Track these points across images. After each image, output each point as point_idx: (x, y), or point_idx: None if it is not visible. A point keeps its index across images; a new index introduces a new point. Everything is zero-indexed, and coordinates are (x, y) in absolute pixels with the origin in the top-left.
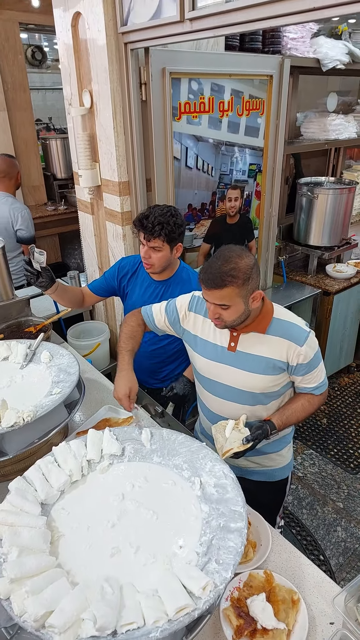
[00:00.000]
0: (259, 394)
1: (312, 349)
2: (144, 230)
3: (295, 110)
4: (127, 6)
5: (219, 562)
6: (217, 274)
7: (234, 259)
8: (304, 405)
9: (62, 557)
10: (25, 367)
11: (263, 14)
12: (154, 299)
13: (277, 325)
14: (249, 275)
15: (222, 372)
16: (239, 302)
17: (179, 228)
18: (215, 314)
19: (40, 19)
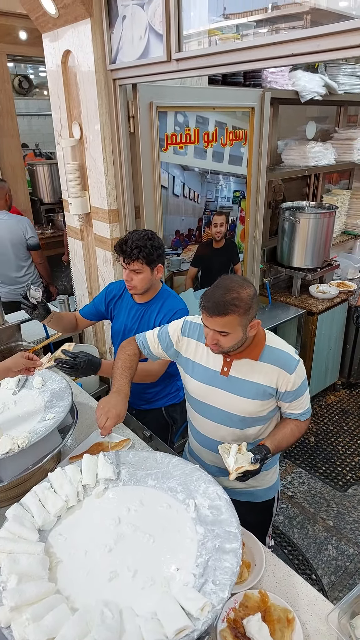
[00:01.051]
0: (248, 418)
1: (300, 377)
2: (123, 255)
3: (276, 137)
4: (116, 46)
5: (215, 582)
6: (220, 302)
7: (236, 288)
8: (293, 430)
9: (61, 583)
10: (18, 392)
11: (244, 57)
12: (136, 321)
13: (269, 352)
14: (250, 305)
15: (214, 395)
16: (238, 330)
17: (157, 250)
18: (214, 340)
19: (27, 50)
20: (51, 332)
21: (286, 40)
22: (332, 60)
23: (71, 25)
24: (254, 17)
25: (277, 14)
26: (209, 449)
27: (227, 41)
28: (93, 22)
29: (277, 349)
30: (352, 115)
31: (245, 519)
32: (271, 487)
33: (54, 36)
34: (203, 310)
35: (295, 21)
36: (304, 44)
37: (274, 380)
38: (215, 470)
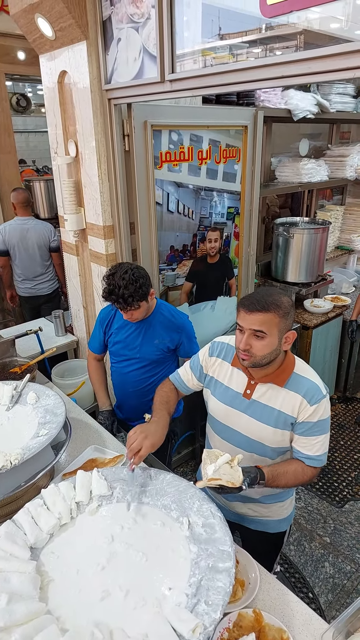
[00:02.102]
0: (268, 447)
1: (321, 415)
2: (118, 306)
3: (269, 154)
4: (111, 66)
5: (208, 603)
6: (261, 299)
7: (277, 294)
8: (297, 470)
9: (51, 603)
10: (12, 408)
11: (236, 79)
12: (136, 338)
13: (296, 380)
14: (289, 310)
15: (234, 418)
16: (274, 334)
17: (146, 282)
18: (247, 344)
19: (25, 70)
20: (46, 347)
21: (278, 63)
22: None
23: (67, 47)
24: (248, 38)
25: (270, 34)
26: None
27: (220, 61)
28: (89, 44)
29: (305, 378)
30: (344, 132)
31: (254, 548)
32: (285, 519)
33: (50, 57)
34: (241, 309)
35: (289, 41)
36: (295, 66)
37: (294, 408)
38: (230, 496)
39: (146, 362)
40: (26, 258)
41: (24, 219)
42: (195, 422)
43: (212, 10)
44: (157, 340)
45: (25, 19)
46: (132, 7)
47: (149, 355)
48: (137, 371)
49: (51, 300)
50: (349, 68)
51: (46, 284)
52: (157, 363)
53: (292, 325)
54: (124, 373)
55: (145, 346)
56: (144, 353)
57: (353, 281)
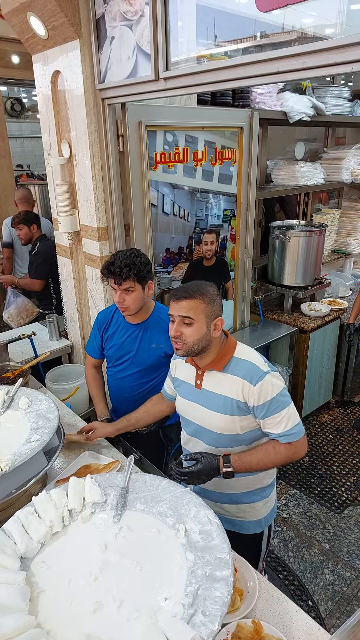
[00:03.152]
0: (223, 435)
1: (269, 391)
2: (113, 276)
3: (265, 157)
4: (105, 66)
5: (205, 613)
6: (187, 288)
7: (203, 284)
8: (268, 450)
9: (42, 616)
10: (3, 413)
11: (231, 75)
12: (133, 341)
13: (236, 364)
14: (214, 298)
15: (190, 409)
16: (202, 320)
17: (146, 266)
18: (178, 331)
19: (19, 74)
20: (39, 351)
21: (273, 58)
22: (319, 77)
23: (60, 47)
24: (243, 45)
25: (265, 41)
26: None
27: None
28: (82, 43)
29: (243, 360)
30: (339, 137)
31: (246, 552)
32: (258, 521)
33: (43, 57)
34: (171, 299)
35: (283, 48)
36: (290, 62)
37: (241, 393)
38: (198, 489)
39: (142, 366)
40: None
41: None
42: None
43: (207, 11)
44: (154, 344)
45: (17, 18)
46: (126, 4)
47: (145, 360)
48: (132, 376)
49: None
50: (345, 62)
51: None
52: (153, 368)
53: (220, 312)
54: (119, 378)
55: (142, 350)
56: (140, 357)
57: (350, 284)
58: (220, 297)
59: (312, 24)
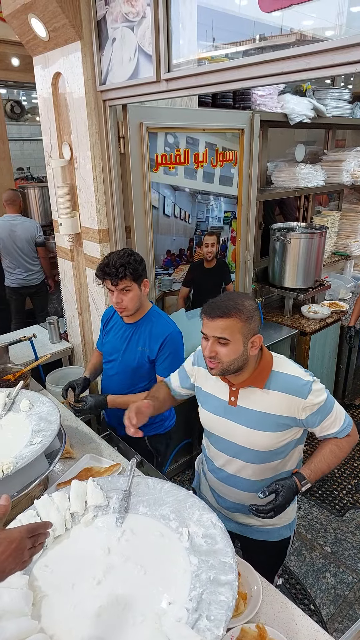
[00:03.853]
0: (263, 452)
1: (319, 397)
2: (109, 277)
3: (265, 159)
4: (106, 67)
5: (210, 618)
6: (221, 305)
7: (239, 297)
8: (333, 450)
9: (45, 620)
10: (4, 416)
11: (234, 76)
12: (124, 341)
13: (277, 378)
14: (252, 314)
15: (224, 427)
16: (238, 340)
17: (141, 264)
18: (212, 351)
19: (19, 76)
20: (40, 353)
21: (276, 59)
22: (322, 78)
23: (61, 48)
24: (242, 48)
25: (264, 44)
26: (224, 482)
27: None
28: (83, 44)
29: (284, 374)
30: (339, 139)
31: (257, 558)
32: (289, 525)
33: (44, 59)
34: (204, 316)
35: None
36: (294, 62)
37: (288, 409)
38: (230, 504)
39: (127, 367)
40: (15, 251)
41: (12, 216)
42: (193, 431)
43: (207, 13)
44: (140, 347)
45: (18, 20)
46: (127, 5)
47: (130, 361)
48: (118, 375)
49: (39, 290)
50: (349, 62)
51: (36, 275)
52: (137, 372)
53: (258, 329)
54: (109, 375)
55: (129, 351)
56: (125, 358)
57: (350, 287)
58: (258, 311)
59: (312, 26)
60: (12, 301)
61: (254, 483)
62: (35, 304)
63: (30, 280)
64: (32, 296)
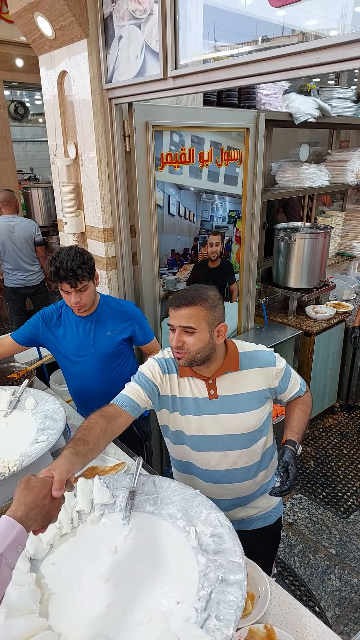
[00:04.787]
0: (252, 433)
1: (282, 363)
2: (67, 281)
3: (269, 159)
4: (112, 65)
5: (219, 618)
6: (186, 295)
7: (202, 288)
8: (302, 408)
9: (52, 618)
10: (10, 414)
11: (243, 72)
12: (88, 334)
13: (246, 357)
14: (216, 303)
15: (209, 424)
16: (204, 328)
17: (91, 260)
18: (179, 341)
19: (23, 77)
20: (44, 353)
21: (286, 54)
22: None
23: (67, 47)
24: (247, 48)
25: (268, 45)
26: (218, 483)
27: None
28: (89, 42)
29: (250, 352)
30: (343, 140)
31: (255, 549)
32: (279, 502)
33: (50, 58)
34: (170, 308)
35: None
36: (304, 57)
37: (265, 381)
38: (228, 504)
39: (102, 356)
40: (15, 252)
41: (9, 217)
42: None
43: (213, 11)
44: (109, 331)
45: (24, 19)
46: (134, 3)
47: (104, 349)
48: (96, 369)
49: (39, 291)
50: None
51: (35, 275)
52: (113, 356)
53: (223, 317)
54: (83, 375)
55: (99, 340)
56: (98, 348)
57: (354, 287)
58: (222, 301)
59: (316, 26)
60: (12, 302)
61: (249, 469)
62: (35, 304)
63: (30, 280)
64: (32, 296)
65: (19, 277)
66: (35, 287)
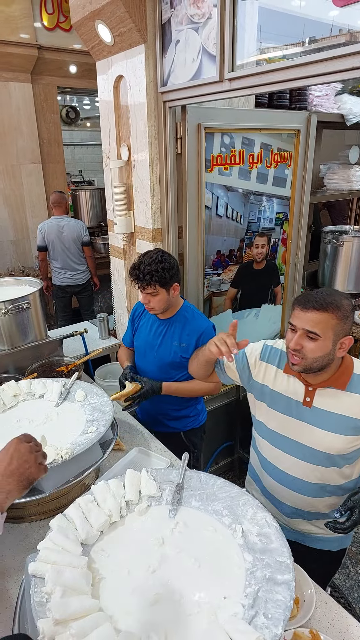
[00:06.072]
0: (335, 456)
1: None
2: (137, 281)
3: (318, 161)
4: (168, 69)
5: (267, 616)
6: (318, 298)
7: (337, 294)
8: None
9: (103, 601)
10: (60, 405)
11: (301, 74)
12: (157, 336)
13: (359, 381)
14: (348, 314)
15: (295, 428)
16: (329, 337)
17: (170, 271)
18: (298, 344)
19: (75, 83)
20: (90, 348)
21: (347, 54)
22: None
23: (125, 52)
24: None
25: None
26: (286, 487)
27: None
28: (147, 47)
29: None
30: None
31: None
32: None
33: (107, 63)
34: (297, 306)
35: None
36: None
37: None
38: (291, 511)
39: (161, 363)
40: (63, 252)
41: (59, 218)
42: (234, 433)
43: (268, 13)
44: (176, 341)
45: (86, 27)
46: (193, 7)
47: (165, 357)
48: (153, 371)
49: (85, 289)
50: None
51: (82, 274)
52: (172, 366)
53: (350, 330)
54: (142, 371)
55: (164, 346)
56: (161, 353)
57: None
58: (353, 314)
59: None
60: (59, 299)
61: (322, 487)
62: (81, 302)
63: (77, 279)
64: (78, 295)
65: (66, 275)
66: (81, 286)
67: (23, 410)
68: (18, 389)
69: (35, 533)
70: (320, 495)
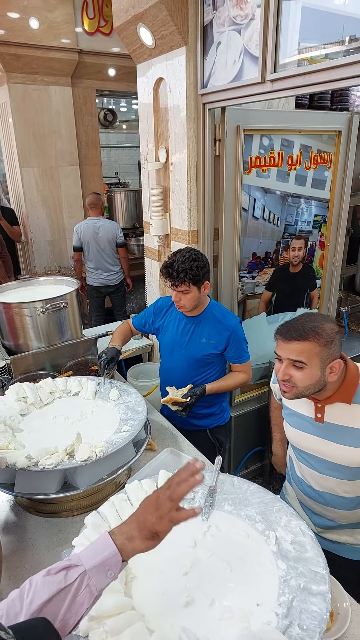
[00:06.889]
0: (353, 469)
1: None
2: (170, 279)
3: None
4: (209, 71)
5: (302, 627)
6: (298, 327)
7: (317, 320)
8: None
9: (136, 600)
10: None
11: (344, 74)
12: (186, 334)
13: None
14: (331, 338)
15: (313, 444)
16: (315, 365)
17: (202, 269)
18: (286, 374)
19: (113, 85)
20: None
21: None
22: None
23: (166, 54)
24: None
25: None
26: (313, 499)
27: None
28: (188, 50)
29: None
30: None
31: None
32: None
33: (147, 66)
34: (278, 337)
35: None
36: None
37: None
38: (327, 522)
39: (190, 359)
40: (98, 252)
41: (95, 219)
42: (265, 438)
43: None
44: (204, 338)
45: (127, 31)
46: (236, 9)
47: (194, 353)
48: (181, 368)
49: (118, 290)
50: None
51: (115, 275)
52: (202, 363)
53: (338, 354)
54: (170, 369)
55: (192, 343)
56: (190, 350)
57: None
58: (338, 336)
59: None
60: (93, 299)
61: (351, 500)
62: (114, 303)
63: (111, 280)
64: (111, 295)
65: (100, 276)
66: (114, 287)
67: (59, 407)
68: (54, 386)
69: (68, 528)
70: (351, 507)
